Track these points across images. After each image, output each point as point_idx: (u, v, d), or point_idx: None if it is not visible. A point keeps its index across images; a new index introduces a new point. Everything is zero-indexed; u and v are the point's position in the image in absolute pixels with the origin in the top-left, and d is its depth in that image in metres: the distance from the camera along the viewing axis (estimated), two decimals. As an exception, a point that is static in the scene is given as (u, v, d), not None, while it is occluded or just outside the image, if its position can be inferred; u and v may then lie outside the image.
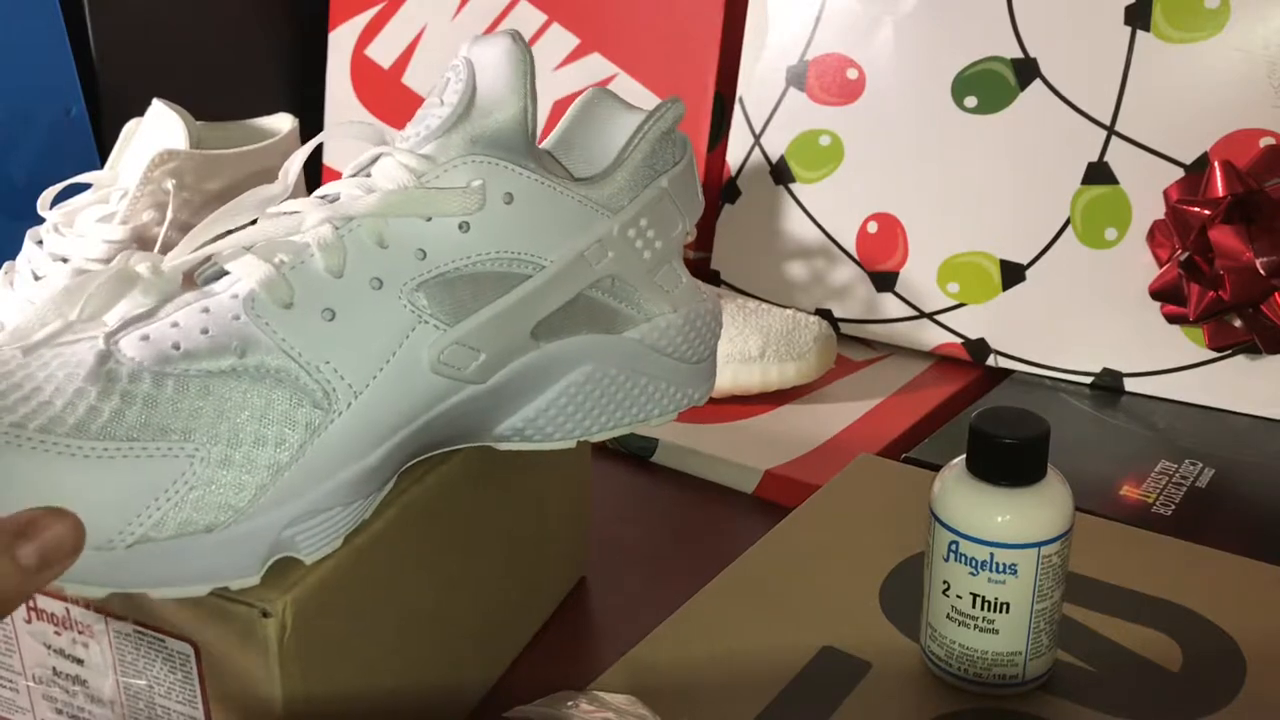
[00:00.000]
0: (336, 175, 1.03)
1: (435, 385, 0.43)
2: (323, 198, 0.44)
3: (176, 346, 0.39)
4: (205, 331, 0.40)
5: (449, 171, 0.43)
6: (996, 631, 0.47)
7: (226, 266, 0.42)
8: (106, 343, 0.40)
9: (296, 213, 0.43)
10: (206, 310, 0.41)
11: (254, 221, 0.44)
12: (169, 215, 0.77)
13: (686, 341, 0.50)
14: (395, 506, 0.44)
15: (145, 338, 0.40)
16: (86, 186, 0.81)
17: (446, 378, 0.43)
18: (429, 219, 0.43)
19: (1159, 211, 0.74)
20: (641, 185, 0.47)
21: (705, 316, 0.50)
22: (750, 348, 0.75)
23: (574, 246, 0.45)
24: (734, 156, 0.86)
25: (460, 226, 0.43)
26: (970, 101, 0.79)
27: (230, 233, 0.43)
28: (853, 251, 0.83)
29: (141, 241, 0.77)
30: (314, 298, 0.41)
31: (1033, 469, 0.46)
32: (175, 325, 0.40)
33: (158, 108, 0.79)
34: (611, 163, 0.48)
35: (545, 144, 0.50)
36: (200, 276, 0.44)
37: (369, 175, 0.44)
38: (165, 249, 0.75)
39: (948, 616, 0.48)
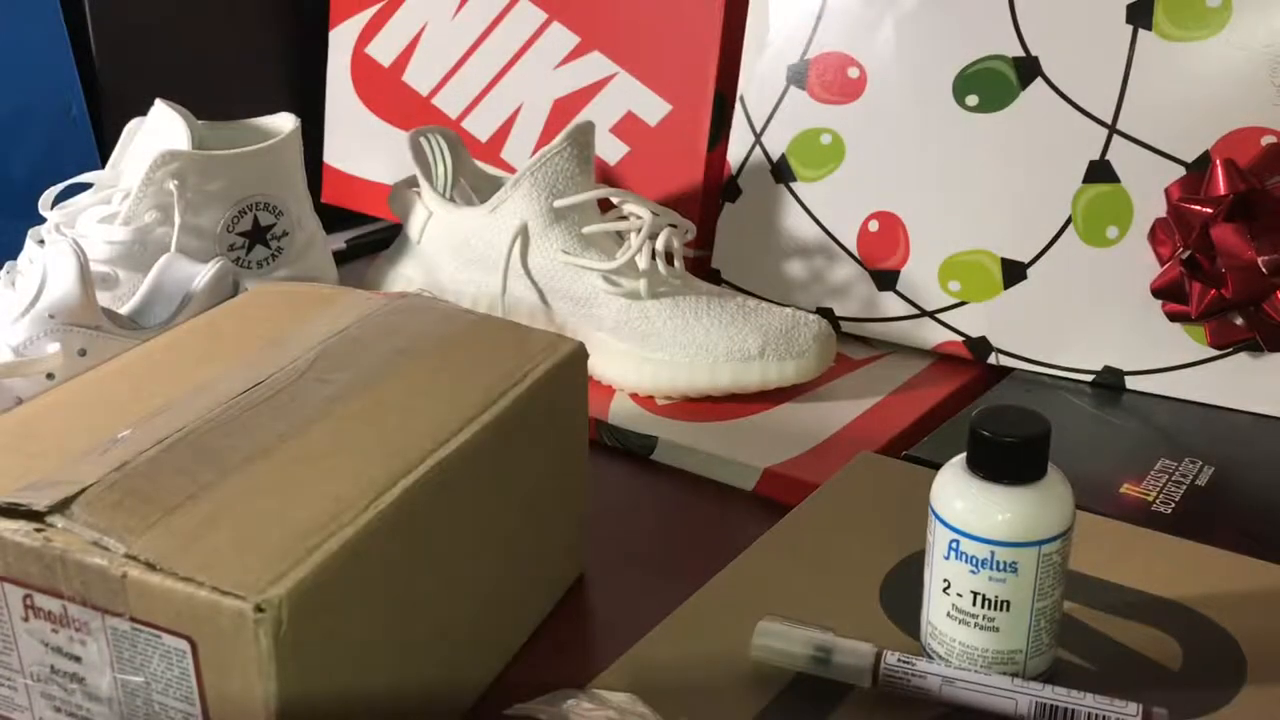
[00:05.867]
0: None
1: None
2: None
3: None
4: None
5: None
6: (997, 629, 0.47)
7: None
8: None
9: None
10: None
11: None
12: (176, 219, 0.77)
13: None
14: (392, 503, 0.44)
15: None
16: (87, 186, 0.81)
17: None
18: None
19: (1160, 210, 0.74)
20: None
21: None
22: (750, 346, 0.75)
23: None
24: (734, 155, 0.86)
25: None
26: (971, 100, 0.78)
27: None
28: (853, 250, 0.83)
29: (144, 242, 0.77)
30: None
31: (1033, 467, 0.46)
32: None
33: (160, 108, 0.79)
34: None
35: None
36: None
37: None
38: (178, 250, 0.76)
39: (948, 614, 0.48)
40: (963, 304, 0.80)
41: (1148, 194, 0.75)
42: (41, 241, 0.72)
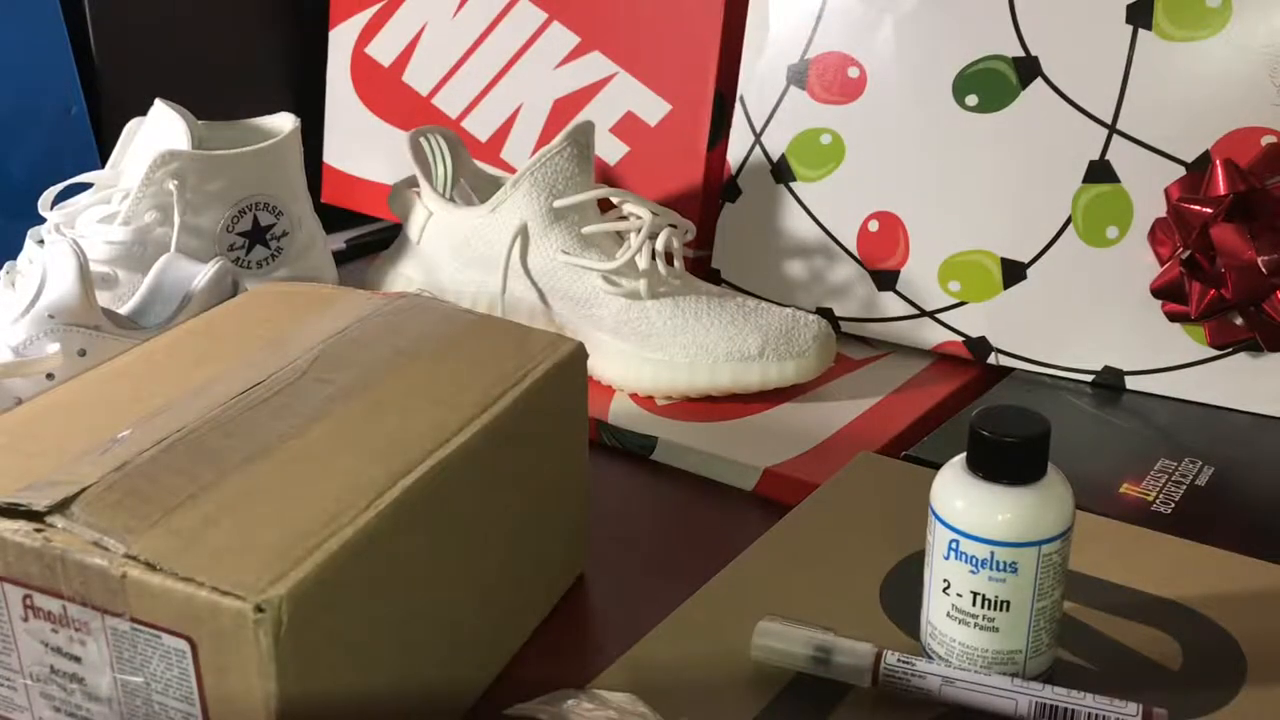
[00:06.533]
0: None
1: None
2: None
3: None
4: None
5: None
6: (996, 629, 0.47)
7: None
8: None
9: None
10: None
11: None
12: (176, 219, 0.77)
13: None
14: (392, 502, 0.44)
15: None
16: (87, 186, 0.81)
17: None
18: None
19: (1160, 210, 0.74)
20: None
21: None
22: (750, 346, 0.75)
23: None
24: (734, 155, 0.86)
25: None
26: (971, 100, 0.78)
27: None
28: (853, 250, 0.83)
29: (144, 242, 0.77)
30: None
31: (1033, 467, 0.46)
32: None
33: (159, 108, 0.79)
34: None
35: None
36: None
37: None
38: (178, 250, 0.76)
39: (948, 614, 0.48)
40: (962, 304, 0.80)
41: (1148, 194, 0.75)
42: (41, 241, 0.72)
